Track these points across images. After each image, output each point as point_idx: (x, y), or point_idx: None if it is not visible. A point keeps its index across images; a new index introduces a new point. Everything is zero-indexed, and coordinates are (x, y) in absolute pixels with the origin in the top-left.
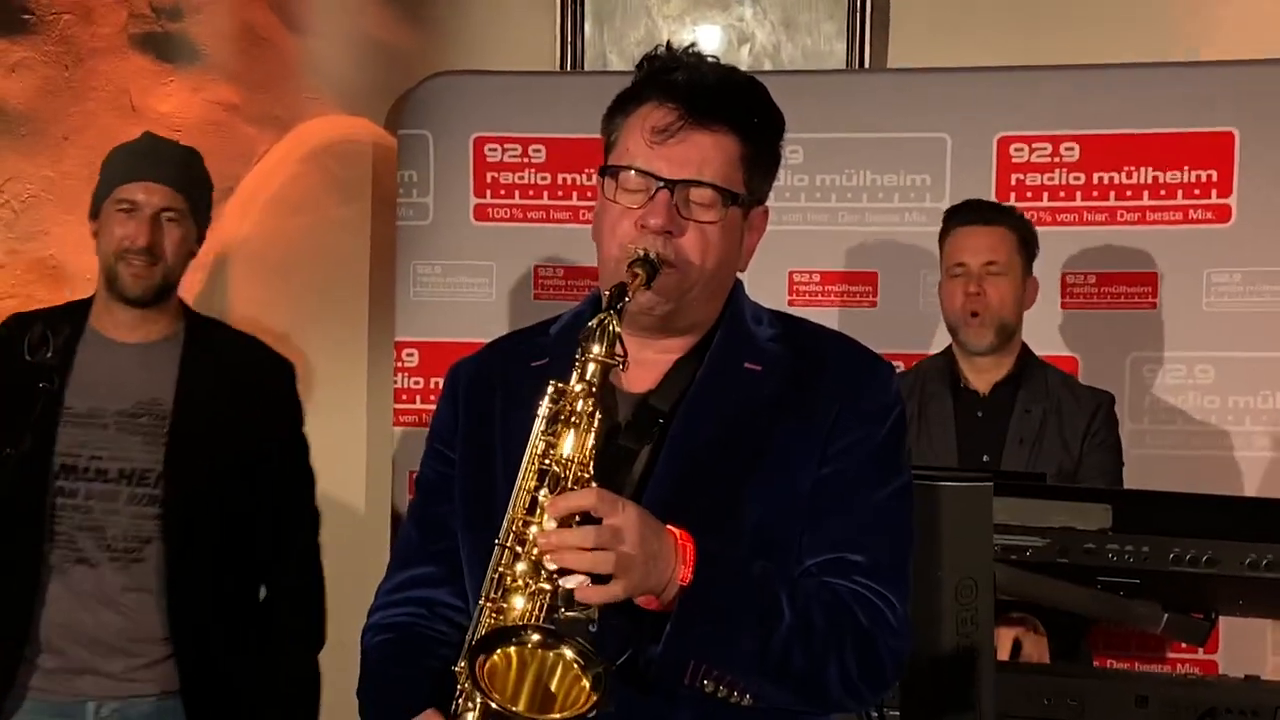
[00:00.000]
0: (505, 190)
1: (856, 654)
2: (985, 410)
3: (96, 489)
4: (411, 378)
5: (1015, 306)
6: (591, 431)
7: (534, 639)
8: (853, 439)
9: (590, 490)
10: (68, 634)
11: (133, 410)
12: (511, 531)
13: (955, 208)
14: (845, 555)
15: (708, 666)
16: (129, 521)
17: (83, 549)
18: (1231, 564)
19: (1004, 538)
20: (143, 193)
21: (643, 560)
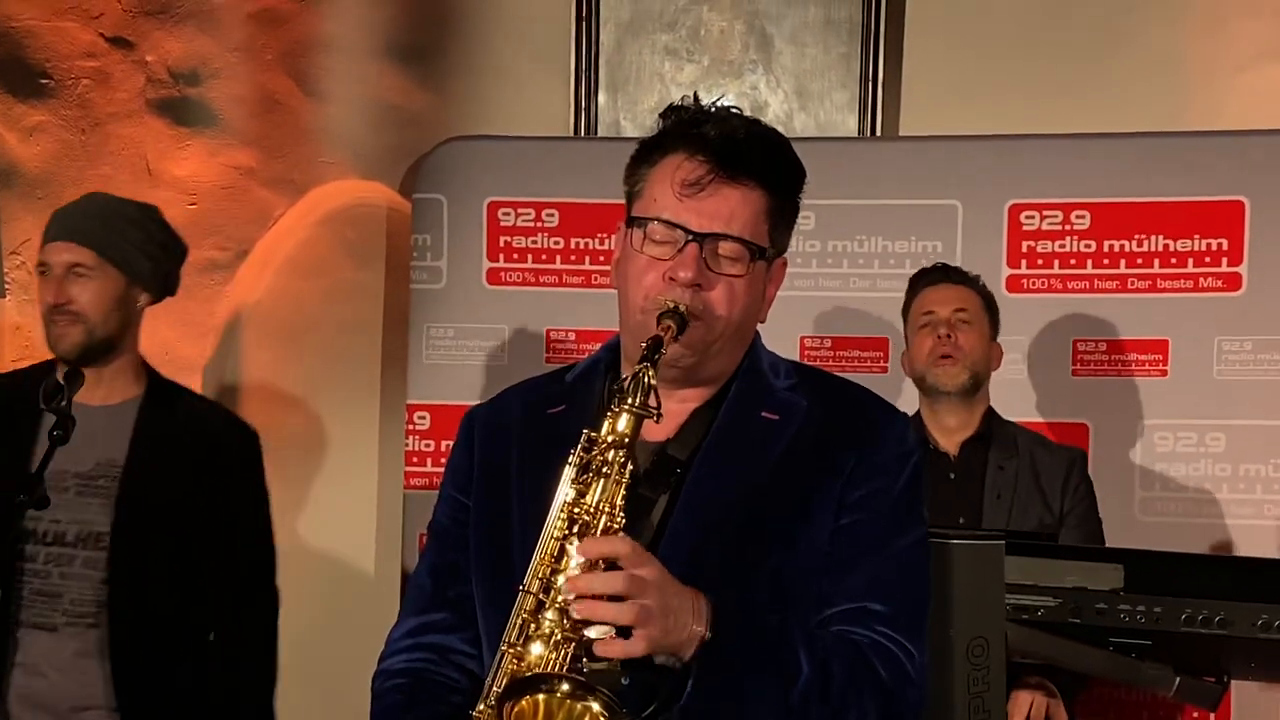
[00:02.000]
0: (518, 254)
1: (876, 706)
2: (957, 471)
3: (54, 553)
4: (423, 440)
5: (984, 358)
6: (623, 482)
7: (564, 688)
8: (871, 489)
9: (625, 540)
10: (25, 699)
11: (90, 472)
12: (537, 578)
13: (922, 270)
14: (865, 605)
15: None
16: (84, 586)
17: (41, 614)
18: (1244, 625)
19: (1016, 597)
20: (54, 253)
21: (663, 615)
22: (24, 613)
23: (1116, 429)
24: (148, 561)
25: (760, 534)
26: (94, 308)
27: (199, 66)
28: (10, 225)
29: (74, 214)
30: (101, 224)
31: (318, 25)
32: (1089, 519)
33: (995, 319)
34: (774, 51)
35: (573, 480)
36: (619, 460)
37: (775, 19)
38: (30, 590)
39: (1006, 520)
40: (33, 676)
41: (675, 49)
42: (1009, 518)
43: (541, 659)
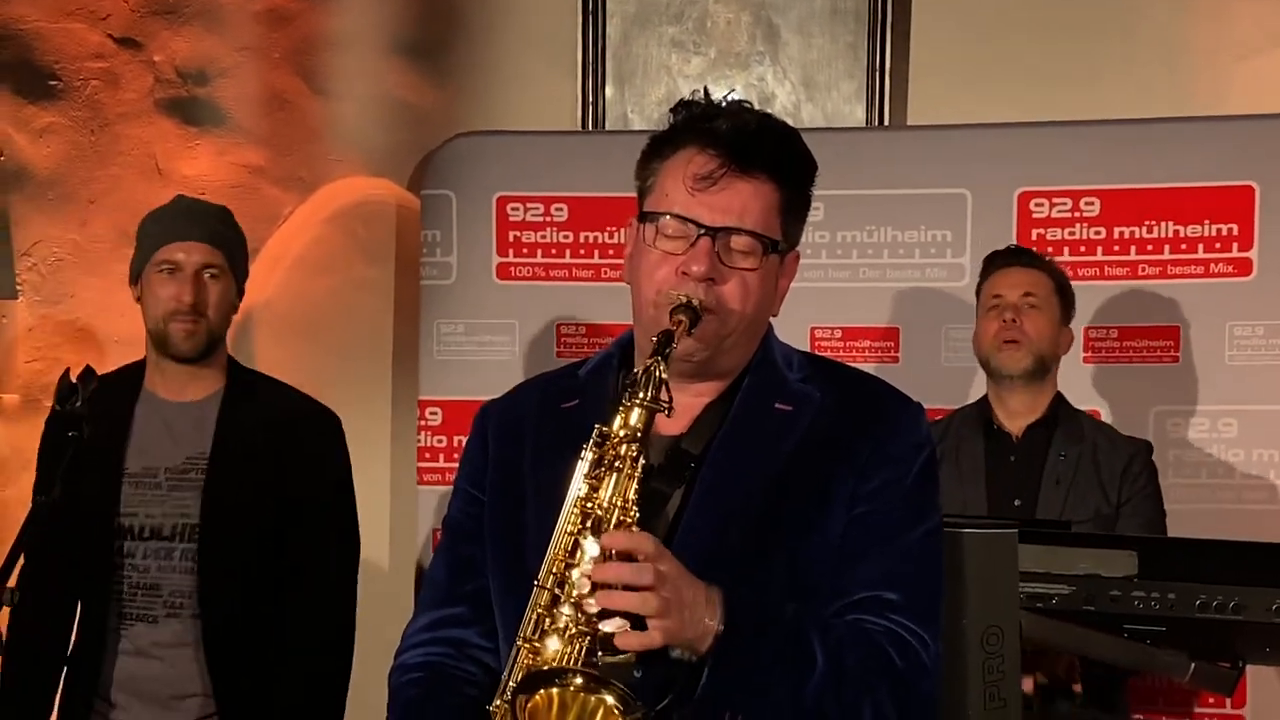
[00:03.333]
0: (528, 249)
1: (891, 695)
2: (1018, 453)
3: (152, 547)
4: (435, 436)
5: (1052, 342)
6: (635, 476)
7: (578, 682)
8: (884, 479)
9: (649, 537)
10: (129, 687)
11: (182, 466)
12: (551, 573)
13: (996, 252)
14: (880, 594)
15: (742, 717)
16: (182, 578)
17: (142, 606)
18: (1258, 610)
19: (1030, 585)
20: (183, 252)
21: (681, 608)
22: (126, 606)
23: (1128, 415)
24: (237, 550)
25: (775, 526)
26: (219, 309)
27: (207, 66)
28: (21, 227)
29: (189, 216)
30: (224, 228)
31: (325, 23)
32: (1145, 509)
33: (1068, 302)
34: (780, 42)
35: (586, 475)
36: (631, 454)
37: (781, 9)
38: (130, 585)
39: (1062, 506)
40: (138, 661)
41: (682, 41)
42: (1065, 504)
43: (556, 653)
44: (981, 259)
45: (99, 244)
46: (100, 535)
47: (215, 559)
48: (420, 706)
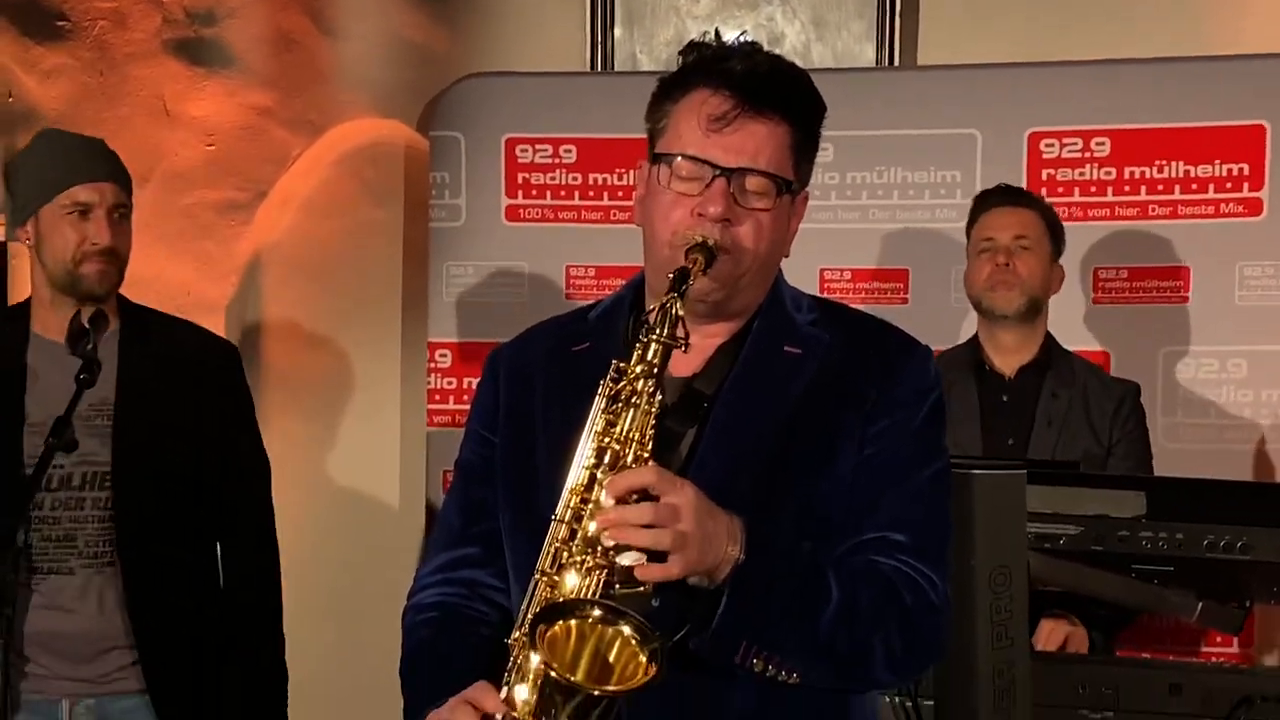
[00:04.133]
0: (537, 191)
1: (901, 633)
2: (1011, 394)
3: (61, 498)
4: (444, 378)
5: (1043, 284)
6: (652, 412)
7: (595, 613)
8: (892, 421)
9: (650, 469)
10: (44, 640)
11: (87, 413)
12: (569, 507)
13: (986, 192)
14: (888, 535)
15: (758, 647)
16: (96, 527)
17: (55, 559)
18: (1267, 550)
19: (1037, 526)
20: (96, 193)
21: (699, 539)
22: (38, 559)
23: (1138, 357)
24: (152, 495)
25: (785, 467)
26: (128, 248)
27: (215, 6)
28: None
29: (93, 153)
30: (120, 164)
31: None
32: (1135, 452)
33: (1059, 240)
34: None
35: (603, 410)
36: (648, 390)
37: None
38: (41, 537)
39: (1054, 448)
40: (53, 615)
41: None
42: (1057, 445)
43: (574, 586)
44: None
45: None
46: (6, 488)
47: (130, 505)
48: (433, 646)
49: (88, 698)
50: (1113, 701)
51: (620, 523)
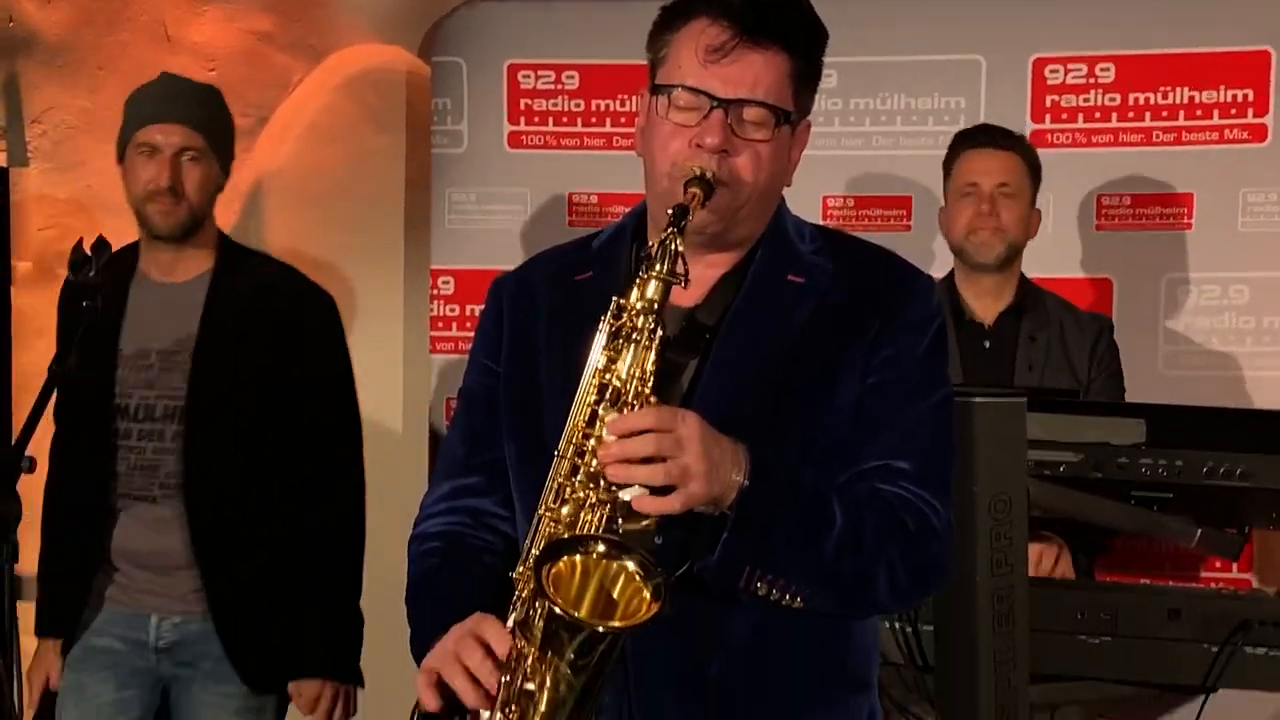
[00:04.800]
0: (539, 117)
1: (904, 560)
2: (991, 340)
3: (146, 429)
4: (447, 305)
5: (1023, 230)
6: (652, 348)
7: (599, 549)
8: (895, 350)
9: (650, 410)
10: (132, 558)
11: (172, 348)
12: (571, 443)
13: (967, 131)
14: (891, 463)
15: (762, 571)
16: (177, 459)
17: (141, 487)
18: (1265, 477)
19: (1037, 453)
20: (161, 134)
21: (703, 472)
22: (125, 485)
23: (1140, 283)
24: (226, 429)
25: (789, 397)
26: (199, 191)
27: None
28: (31, 93)
29: (170, 97)
30: (207, 109)
31: None
32: (1110, 387)
33: (1038, 182)
34: None
35: (603, 347)
36: (649, 326)
37: None
38: (128, 465)
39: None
40: (137, 534)
41: None
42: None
43: (578, 522)
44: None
45: (109, 111)
46: (100, 416)
47: (201, 438)
48: (439, 575)
49: (174, 615)
50: (1110, 626)
51: (622, 457)
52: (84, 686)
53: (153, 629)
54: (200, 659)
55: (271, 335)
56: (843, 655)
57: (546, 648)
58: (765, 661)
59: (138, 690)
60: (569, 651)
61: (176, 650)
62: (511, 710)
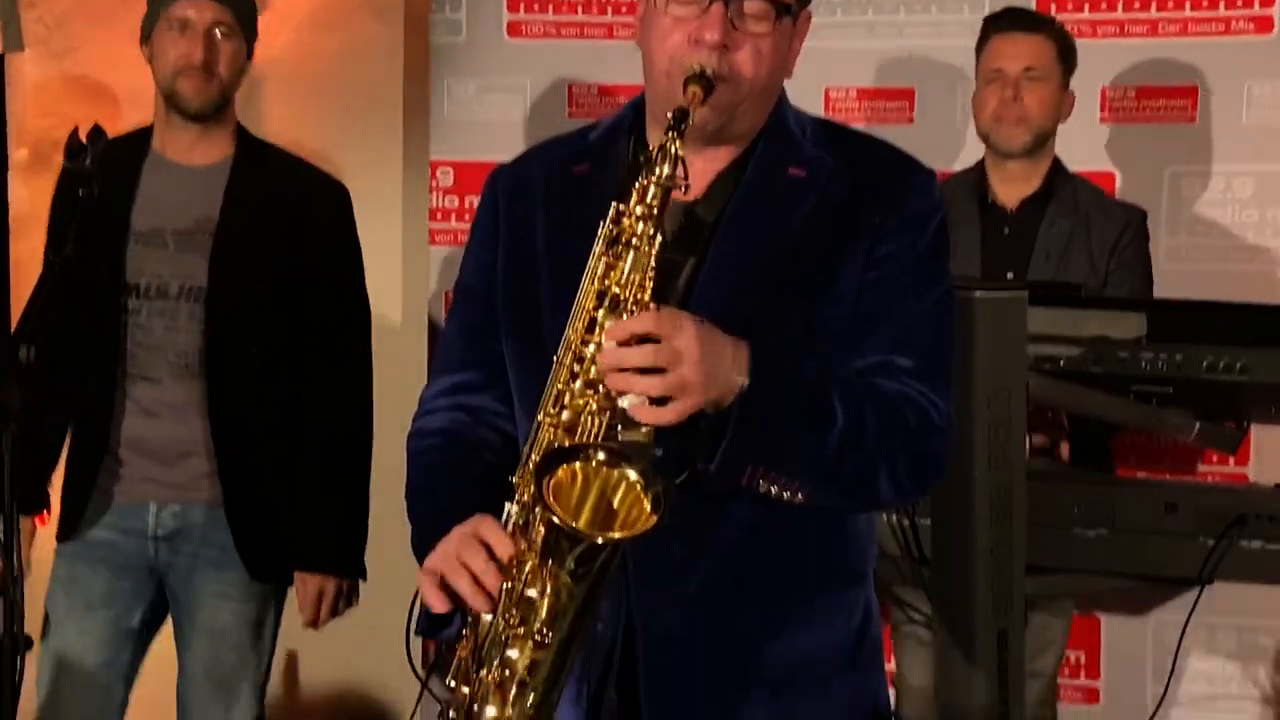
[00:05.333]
0: (539, 5)
1: (905, 455)
2: (1012, 226)
3: (157, 307)
4: (446, 196)
5: (1052, 115)
6: (652, 254)
7: (599, 457)
8: (897, 245)
9: (649, 314)
10: (133, 444)
11: (190, 229)
12: (570, 350)
13: (995, 15)
14: (892, 359)
15: (764, 469)
16: (187, 339)
17: (146, 366)
18: (1265, 371)
19: (1037, 347)
20: (193, 10)
21: (699, 383)
22: (131, 364)
23: (1144, 176)
24: (244, 315)
25: (789, 292)
26: (230, 68)
27: None
28: None
29: None
30: None
31: None
32: (1129, 280)
33: (1070, 65)
34: None
35: (602, 254)
36: (648, 232)
37: None
38: (134, 343)
39: (1051, 279)
40: (144, 420)
41: None
42: (1054, 277)
43: (577, 428)
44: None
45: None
46: (106, 293)
47: (222, 322)
48: (438, 474)
49: (173, 503)
50: (1107, 520)
51: (620, 366)
52: (76, 578)
53: (151, 517)
54: (202, 546)
55: (289, 224)
56: (839, 548)
57: (547, 556)
58: (761, 556)
59: (131, 581)
60: (569, 560)
61: (176, 538)
62: (513, 615)
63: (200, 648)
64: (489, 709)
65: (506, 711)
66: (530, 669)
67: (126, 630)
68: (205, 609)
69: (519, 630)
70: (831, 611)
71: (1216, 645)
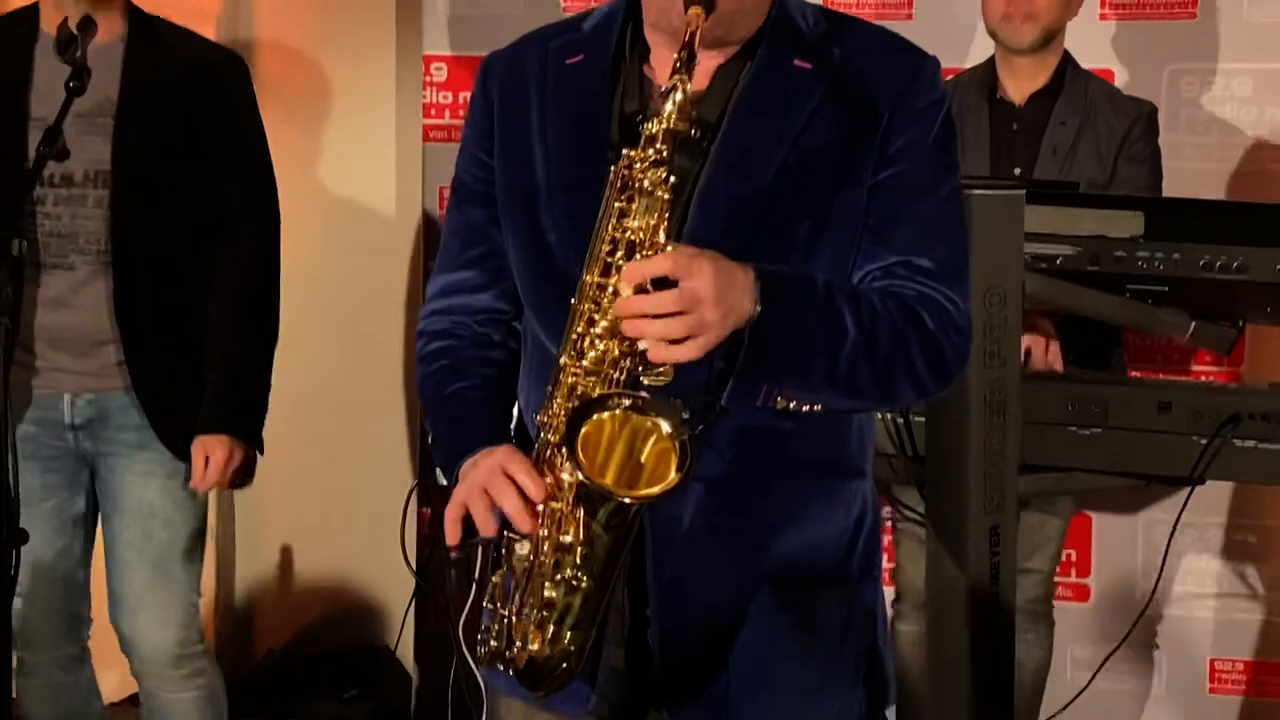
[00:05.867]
0: None
1: (924, 357)
2: (1020, 122)
3: (63, 194)
4: (440, 92)
5: (1060, 11)
6: (665, 198)
7: (624, 404)
8: (908, 139)
9: (666, 255)
10: (47, 335)
11: (90, 112)
12: (588, 296)
13: None
14: (910, 259)
15: (779, 389)
16: (97, 225)
17: (58, 254)
18: (1262, 270)
19: (1034, 246)
20: None
21: (719, 319)
22: (42, 255)
23: (1143, 74)
24: (149, 194)
25: (796, 196)
26: None
27: None
28: None
29: None
30: None
31: None
32: (1137, 176)
33: None
34: None
35: (615, 200)
36: (659, 177)
37: None
38: (44, 232)
39: (1058, 176)
40: (57, 311)
41: None
42: (1061, 173)
43: (599, 373)
44: None
45: None
46: (10, 184)
47: (128, 205)
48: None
49: (88, 392)
50: (1101, 419)
51: (638, 312)
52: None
53: (67, 407)
54: (121, 430)
55: (190, 100)
56: (838, 444)
57: (578, 505)
58: (763, 452)
59: (62, 472)
60: (601, 514)
61: (94, 426)
62: (547, 557)
63: (130, 528)
64: (531, 645)
65: (546, 650)
66: (566, 609)
67: (73, 519)
68: (130, 489)
69: (554, 573)
70: (832, 505)
71: (1207, 544)
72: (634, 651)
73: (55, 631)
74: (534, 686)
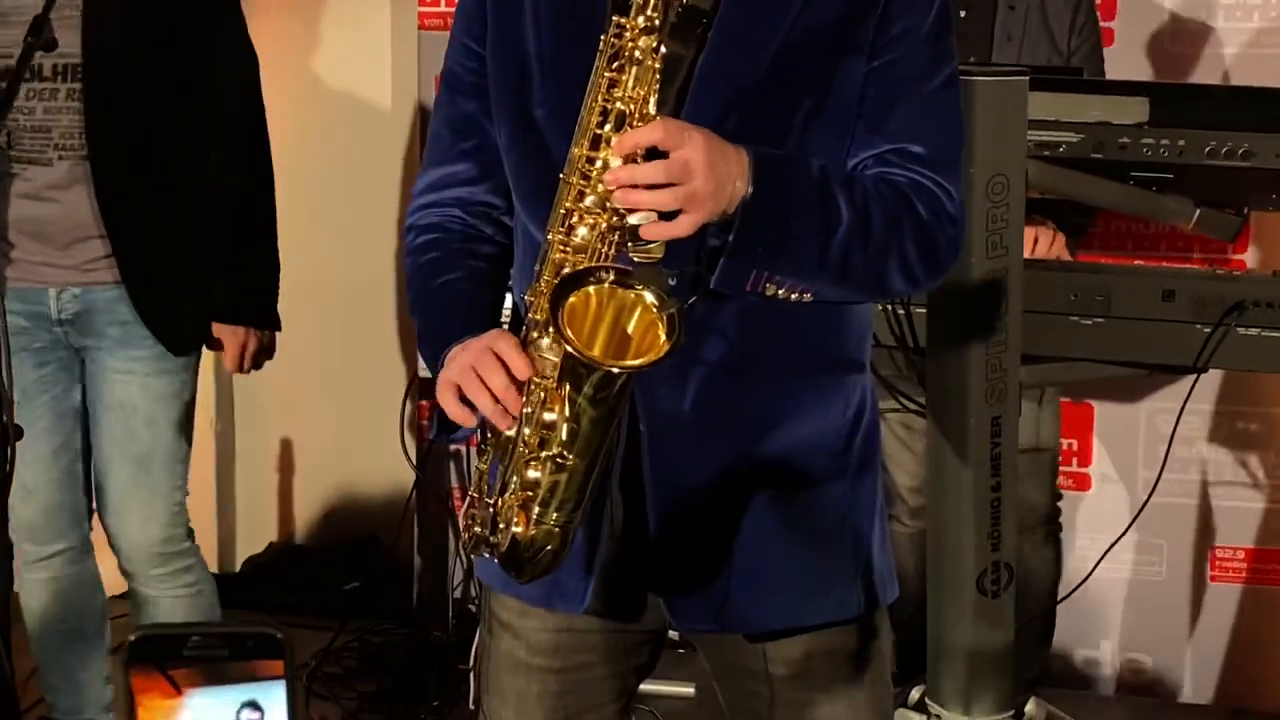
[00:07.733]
0: None
1: (916, 245)
2: (969, 9)
3: (35, 89)
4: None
5: None
6: (655, 68)
7: (611, 279)
8: (903, 26)
9: (656, 124)
10: (25, 228)
11: (58, 3)
12: (576, 168)
13: None
14: (905, 146)
15: (769, 274)
16: (71, 118)
17: (33, 150)
18: (1267, 157)
19: (1037, 133)
20: None
21: (711, 192)
22: (16, 149)
23: None
24: (124, 85)
25: (793, 79)
26: None
27: None
28: None
29: None
30: None
31: None
32: (1093, 58)
33: None
34: None
35: (604, 69)
36: (650, 46)
37: None
38: (18, 128)
39: (1015, 61)
40: (34, 204)
41: None
42: (1018, 58)
43: (588, 249)
44: None
45: None
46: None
47: (101, 96)
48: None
49: (74, 286)
50: (1104, 308)
51: (629, 182)
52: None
53: (52, 301)
54: (108, 326)
55: None
56: (837, 337)
57: (564, 380)
58: (759, 345)
59: (54, 364)
60: (587, 387)
61: (79, 321)
62: (532, 436)
63: (113, 425)
64: (514, 527)
65: (530, 531)
66: (552, 489)
67: (70, 410)
68: (114, 385)
69: (539, 452)
70: (829, 399)
71: (1210, 432)
72: (629, 547)
73: (58, 524)
74: (517, 571)
